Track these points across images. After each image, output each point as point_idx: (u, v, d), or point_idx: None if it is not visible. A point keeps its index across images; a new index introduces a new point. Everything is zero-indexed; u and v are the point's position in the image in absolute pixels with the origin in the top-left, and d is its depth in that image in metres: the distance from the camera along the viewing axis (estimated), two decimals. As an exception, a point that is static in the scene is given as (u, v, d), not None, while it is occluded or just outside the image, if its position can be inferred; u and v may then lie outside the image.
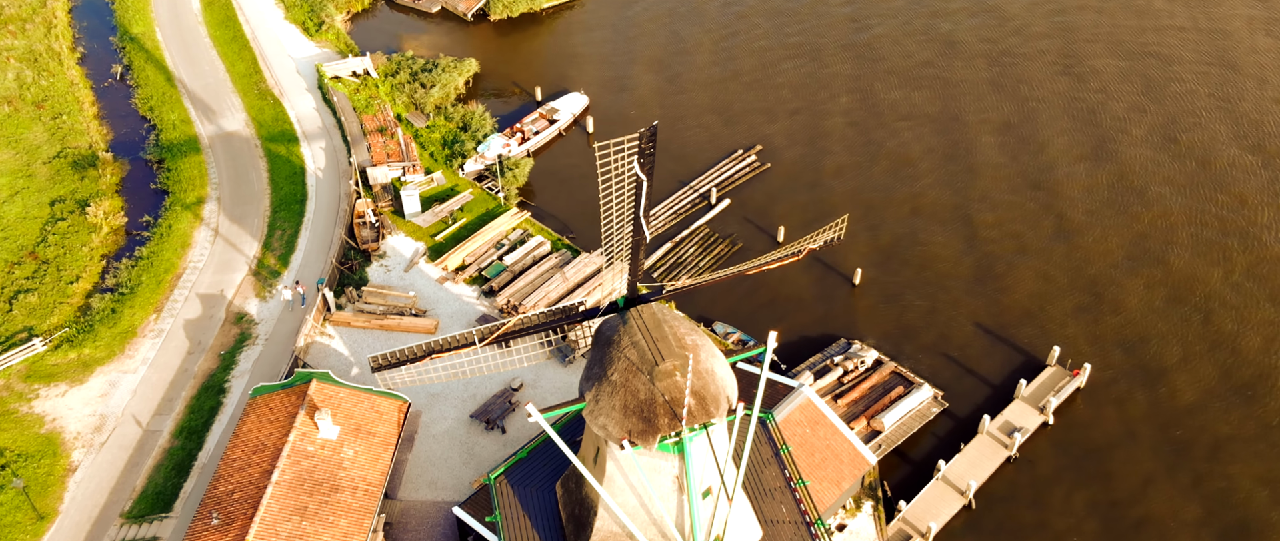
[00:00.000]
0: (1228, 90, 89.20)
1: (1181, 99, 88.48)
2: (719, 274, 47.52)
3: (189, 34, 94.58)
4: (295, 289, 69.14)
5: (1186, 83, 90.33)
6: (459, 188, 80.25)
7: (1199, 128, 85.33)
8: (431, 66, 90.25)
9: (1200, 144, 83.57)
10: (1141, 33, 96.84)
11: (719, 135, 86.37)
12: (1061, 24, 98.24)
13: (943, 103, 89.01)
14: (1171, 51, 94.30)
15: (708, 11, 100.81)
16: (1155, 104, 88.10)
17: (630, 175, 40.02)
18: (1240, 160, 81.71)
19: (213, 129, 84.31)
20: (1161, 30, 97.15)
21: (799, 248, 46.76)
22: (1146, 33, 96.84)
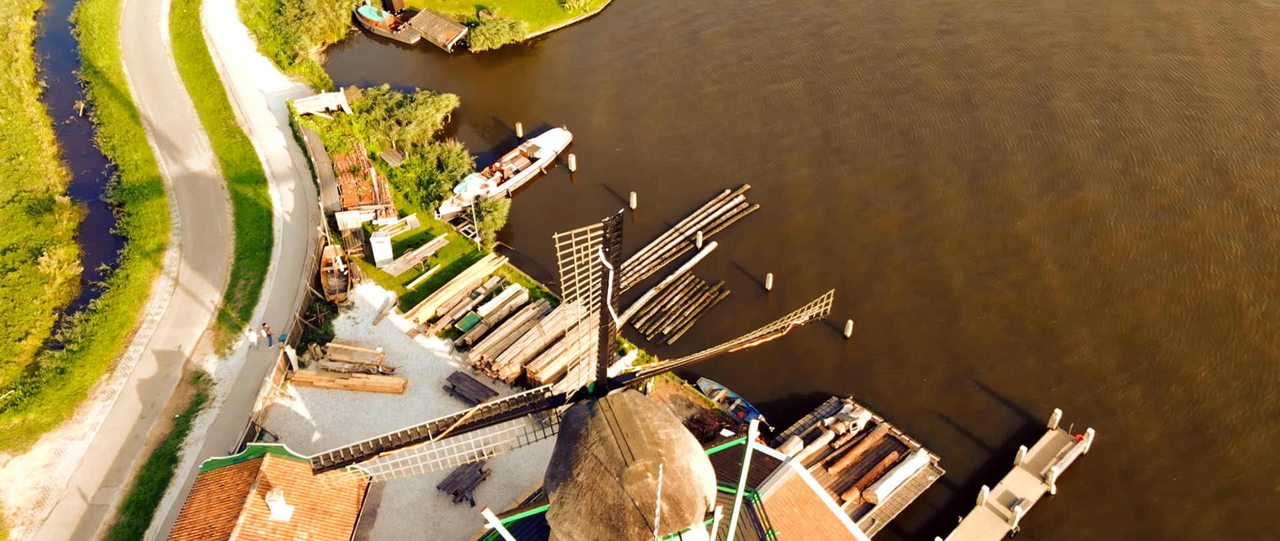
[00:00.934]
0: (1203, 124, 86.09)
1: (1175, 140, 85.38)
2: (698, 355, 44.12)
3: (157, 67, 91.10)
4: (262, 331, 65.88)
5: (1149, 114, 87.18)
6: (434, 231, 76.80)
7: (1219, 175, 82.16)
8: (408, 101, 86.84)
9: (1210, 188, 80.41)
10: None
11: (707, 173, 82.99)
12: (1044, 47, 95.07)
13: (939, 145, 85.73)
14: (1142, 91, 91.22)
15: (696, 44, 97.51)
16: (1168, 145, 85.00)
17: (595, 265, 36.46)
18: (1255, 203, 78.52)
19: (178, 169, 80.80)
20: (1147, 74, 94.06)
21: (783, 324, 43.32)
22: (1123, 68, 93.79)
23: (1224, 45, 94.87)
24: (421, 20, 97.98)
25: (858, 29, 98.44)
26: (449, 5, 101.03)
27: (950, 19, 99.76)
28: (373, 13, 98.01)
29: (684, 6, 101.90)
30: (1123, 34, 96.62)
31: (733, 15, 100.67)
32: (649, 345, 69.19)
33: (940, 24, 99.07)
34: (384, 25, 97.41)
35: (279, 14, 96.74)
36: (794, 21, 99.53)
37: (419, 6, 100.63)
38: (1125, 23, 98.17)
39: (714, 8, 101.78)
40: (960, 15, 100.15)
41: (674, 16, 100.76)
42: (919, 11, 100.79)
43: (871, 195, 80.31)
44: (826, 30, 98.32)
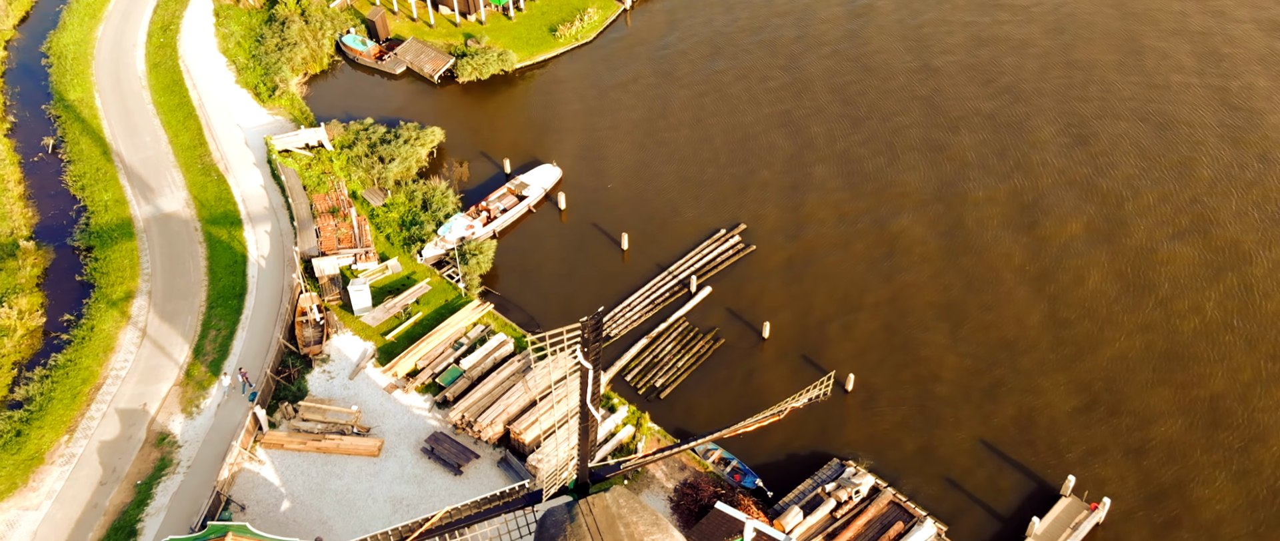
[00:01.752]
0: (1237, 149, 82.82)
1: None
2: (691, 443, 40.73)
3: (131, 99, 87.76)
4: (238, 375, 62.77)
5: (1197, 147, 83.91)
6: (416, 276, 73.45)
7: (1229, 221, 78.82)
8: (392, 136, 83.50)
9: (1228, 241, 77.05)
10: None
11: (702, 212, 79.65)
12: (1067, 86, 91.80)
13: (942, 181, 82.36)
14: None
15: (692, 74, 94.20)
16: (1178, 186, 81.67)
17: (573, 366, 33.20)
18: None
19: (150, 210, 77.42)
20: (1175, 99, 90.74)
21: (781, 408, 40.05)
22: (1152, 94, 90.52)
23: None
24: (407, 49, 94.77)
25: (861, 50, 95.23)
26: (436, 34, 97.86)
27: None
28: (357, 42, 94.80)
29: (680, 35, 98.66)
30: (1106, 69, 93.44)
31: (732, 43, 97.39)
32: (640, 400, 65.83)
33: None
34: (368, 55, 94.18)
35: (259, 43, 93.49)
36: (796, 50, 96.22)
37: (405, 34, 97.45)
38: (1104, 57, 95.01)
39: (712, 35, 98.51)
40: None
41: (669, 45, 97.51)
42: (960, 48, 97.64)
43: (876, 237, 76.92)
44: (829, 56, 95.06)
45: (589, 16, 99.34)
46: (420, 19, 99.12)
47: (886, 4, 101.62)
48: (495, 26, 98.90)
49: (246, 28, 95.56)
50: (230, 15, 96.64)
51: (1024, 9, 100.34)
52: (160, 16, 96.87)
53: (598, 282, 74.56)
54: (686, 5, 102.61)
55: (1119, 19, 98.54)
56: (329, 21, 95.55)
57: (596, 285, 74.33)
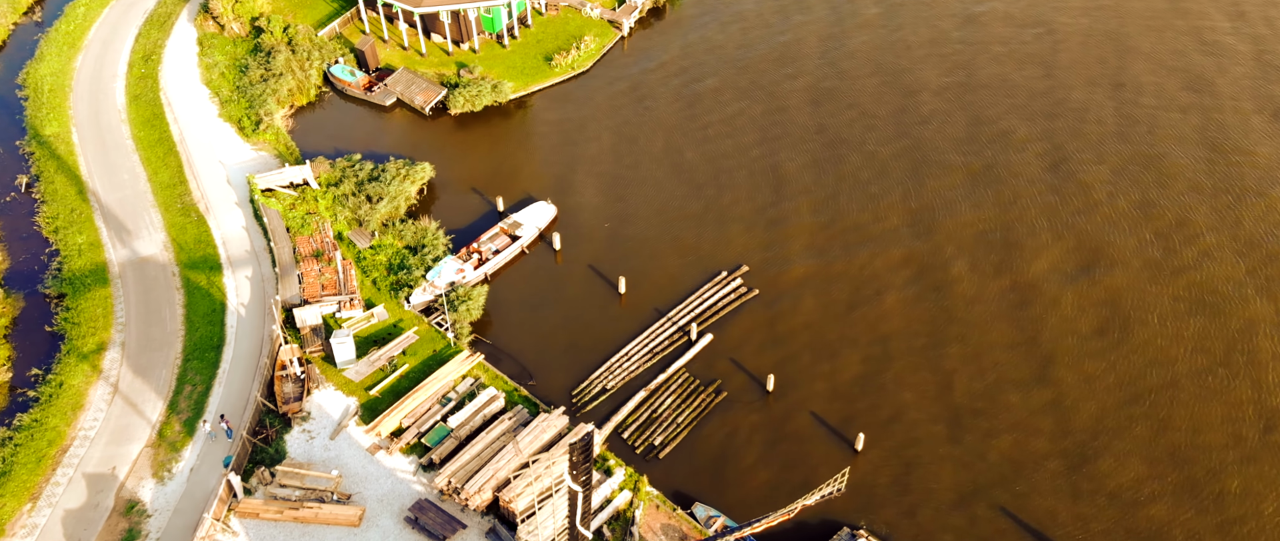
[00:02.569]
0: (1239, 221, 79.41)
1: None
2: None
3: (110, 134, 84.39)
4: (221, 423, 59.58)
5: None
6: (403, 324, 70.08)
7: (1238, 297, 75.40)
8: (380, 173, 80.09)
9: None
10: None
11: (702, 252, 76.25)
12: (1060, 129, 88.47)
13: (959, 227, 79.00)
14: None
15: (691, 107, 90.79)
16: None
17: (561, 489, 29.81)
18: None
19: (126, 253, 74.04)
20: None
21: (793, 507, 36.62)
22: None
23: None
24: (398, 80, 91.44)
25: (865, 86, 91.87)
26: (428, 63, 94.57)
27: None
28: (346, 73, 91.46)
29: (680, 66, 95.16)
30: (1153, 94, 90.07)
31: (734, 72, 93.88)
32: (638, 460, 62.41)
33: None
34: (357, 86, 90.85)
35: (244, 74, 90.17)
36: (806, 78, 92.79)
37: (396, 64, 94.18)
38: (1155, 85, 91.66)
39: (715, 64, 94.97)
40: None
41: (668, 75, 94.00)
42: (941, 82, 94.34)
43: (888, 282, 73.50)
44: (833, 90, 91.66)
45: (586, 44, 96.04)
46: (411, 48, 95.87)
47: (918, 35, 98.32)
48: (489, 55, 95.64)
49: (231, 57, 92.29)
50: (214, 44, 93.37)
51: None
52: (142, 45, 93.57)
53: (593, 329, 71.17)
54: (686, 29, 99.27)
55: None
56: (317, 51, 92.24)
57: (592, 332, 70.94)
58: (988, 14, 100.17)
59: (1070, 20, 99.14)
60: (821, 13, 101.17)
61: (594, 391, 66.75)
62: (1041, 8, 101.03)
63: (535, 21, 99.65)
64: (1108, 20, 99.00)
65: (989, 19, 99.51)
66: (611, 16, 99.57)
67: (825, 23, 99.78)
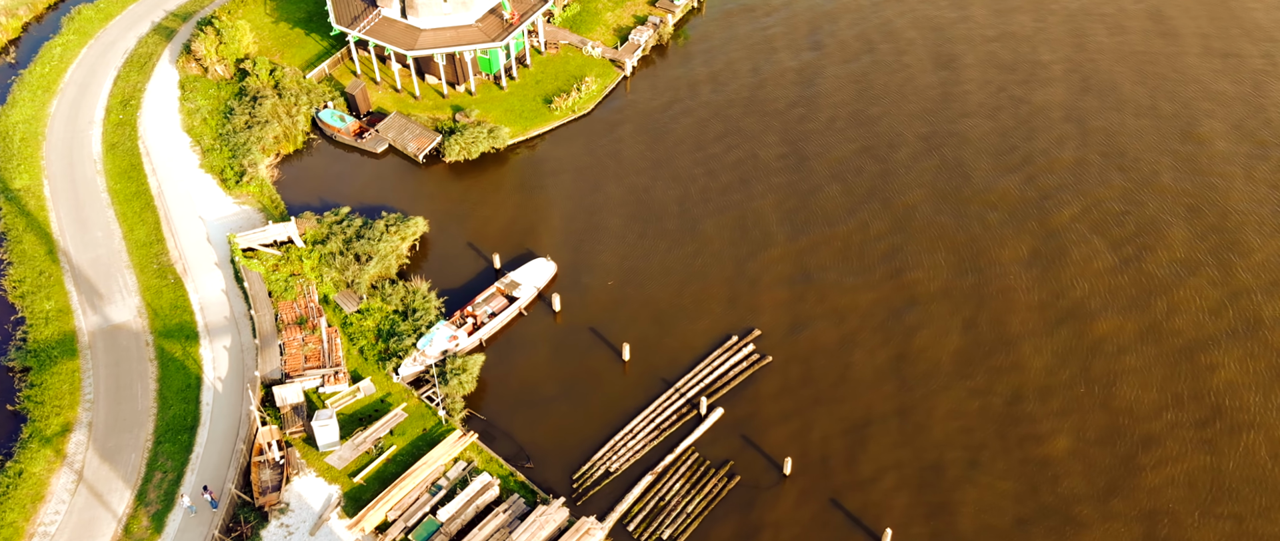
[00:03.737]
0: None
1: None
2: None
3: (84, 187, 79.77)
4: (205, 495, 55.52)
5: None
6: (391, 399, 65.45)
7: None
8: (369, 228, 75.41)
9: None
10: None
11: (712, 314, 71.59)
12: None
13: (1018, 294, 74.29)
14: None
15: (700, 151, 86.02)
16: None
17: None
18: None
19: (97, 321, 69.43)
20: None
21: None
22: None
23: None
24: (390, 125, 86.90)
25: (879, 127, 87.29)
26: (422, 106, 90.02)
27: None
28: (335, 118, 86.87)
29: (687, 107, 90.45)
30: (1149, 158, 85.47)
31: (744, 113, 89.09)
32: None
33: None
34: (347, 132, 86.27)
35: (228, 120, 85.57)
36: (810, 120, 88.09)
37: (388, 107, 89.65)
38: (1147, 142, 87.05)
39: (724, 104, 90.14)
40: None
41: (675, 118, 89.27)
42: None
43: (917, 346, 68.76)
44: (852, 129, 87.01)
45: (587, 86, 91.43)
46: (405, 90, 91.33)
47: (926, 77, 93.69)
48: (486, 97, 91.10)
49: (214, 102, 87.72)
50: (196, 88, 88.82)
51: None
52: (121, 88, 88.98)
53: (595, 403, 66.49)
54: (691, 66, 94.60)
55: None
56: (305, 95, 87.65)
57: (594, 406, 66.27)
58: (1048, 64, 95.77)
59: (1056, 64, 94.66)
60: (830, 46, 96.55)
61: (597, 475, 62.03)
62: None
63: (534, 61, 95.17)
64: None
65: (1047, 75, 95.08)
66: (613, 55, 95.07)
67: (840, 55, 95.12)
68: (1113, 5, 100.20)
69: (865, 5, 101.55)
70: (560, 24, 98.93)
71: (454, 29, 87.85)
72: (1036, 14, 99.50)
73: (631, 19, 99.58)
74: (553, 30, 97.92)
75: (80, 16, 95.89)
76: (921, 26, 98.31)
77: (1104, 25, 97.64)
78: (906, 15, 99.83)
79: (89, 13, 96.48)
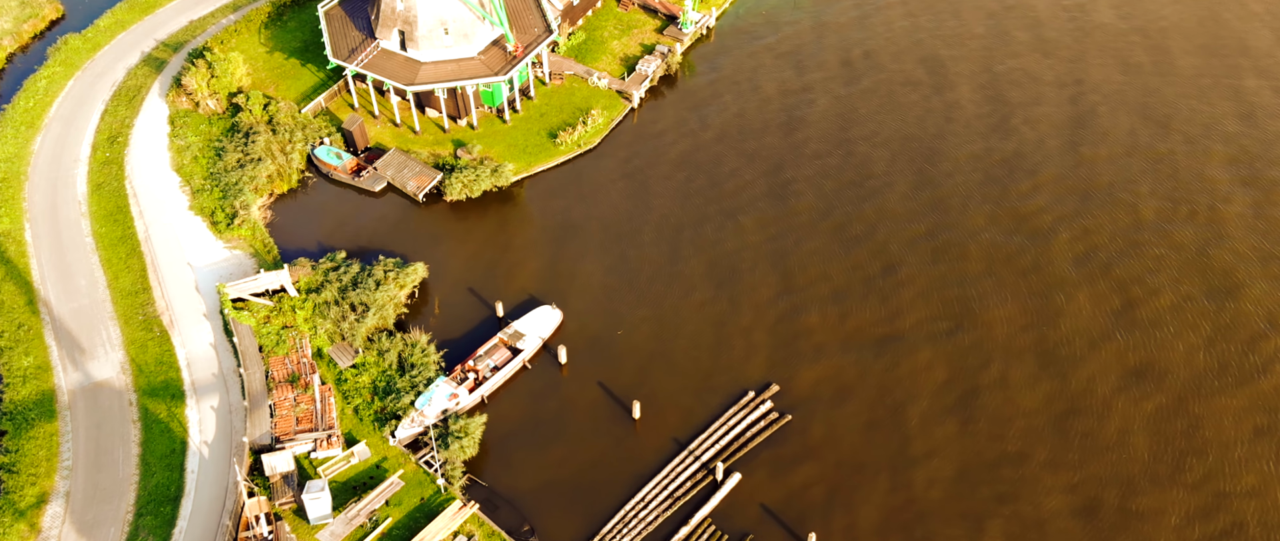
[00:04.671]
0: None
1: None
2: None
3: (67, 231, 76.10)
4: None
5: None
6: (388, 465, 61.73)
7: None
8: (366, 275, 71.69)
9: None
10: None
11: (728, 369, 67.95)
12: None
13: (1007, 333, 70.51)
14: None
15: (714, 188, 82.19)
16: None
17: None
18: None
19: (78, 378, 65.76)
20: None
21: None
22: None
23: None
24: (388, 163, 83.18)
25: (899, 166, 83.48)
26: (422, 141, 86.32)
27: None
28: (331, 155, 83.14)
29: (698, 142, 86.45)
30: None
31: (756, 149, 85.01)
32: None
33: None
34: (344, 170, 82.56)
35: (219, 158, 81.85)
36: (826, 158, 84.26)
37: (387, 142, 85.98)
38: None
39: (736, 138, 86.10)
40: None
41: (685, 153, 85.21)
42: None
43: (945, 398, 64.99)
44: (874, 170, 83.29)
45: (593, 118, 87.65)
46: (404, 124, 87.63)
47: (971, 105, 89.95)
48: (489, 131, 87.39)
49: (205, 138, 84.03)
50: (187, 123, 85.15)
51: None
52: (108, 124, 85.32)
53: (605, 466, 62.84)
54: (701, 97, 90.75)
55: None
56: (300, 130, 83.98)
57: (603, 470, 62.62)
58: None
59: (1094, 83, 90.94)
60: (844, 73, 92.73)
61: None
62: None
63: (538, 93, 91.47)
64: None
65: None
66: (620, 87, 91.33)
67: (858, 84, 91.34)
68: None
69: (877, 29, 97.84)
70: (565, 53, 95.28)
71: (455, 62, 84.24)
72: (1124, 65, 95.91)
73: (639, 48, 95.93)
74: (557, 60, 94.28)
75: (67, 47, 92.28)
76: (955, 48, 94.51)
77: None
78: (935, 39, 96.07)
79: (77, 42, 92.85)
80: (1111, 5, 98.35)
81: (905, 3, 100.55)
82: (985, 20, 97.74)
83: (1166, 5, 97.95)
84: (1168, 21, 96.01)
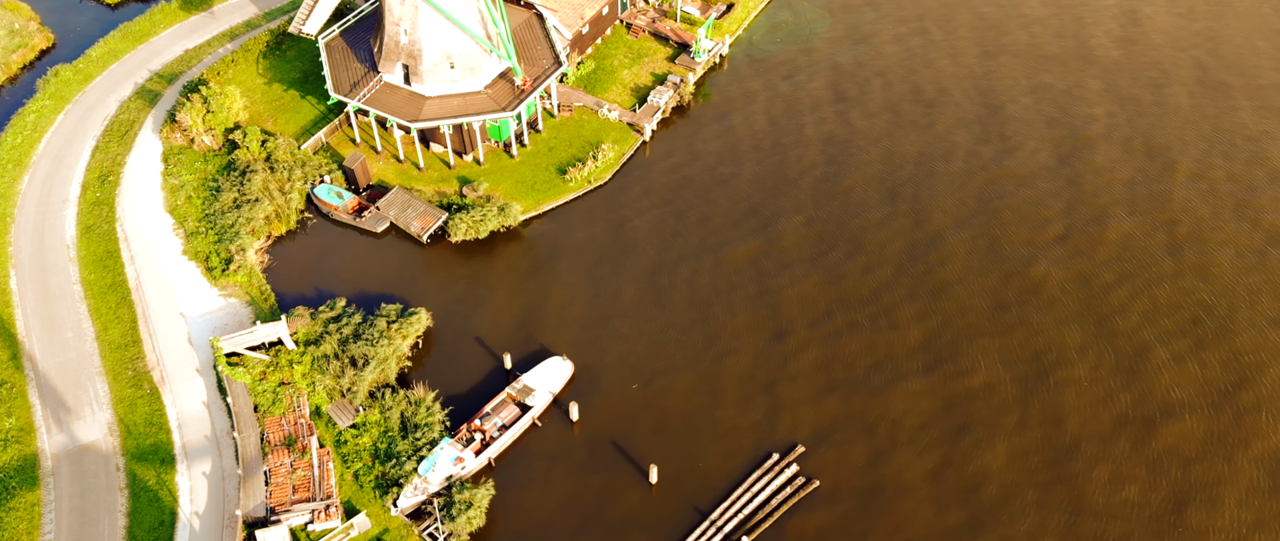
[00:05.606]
0: None
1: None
2: None
3: (55, 278, 72.53)
4: None
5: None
6: (389, 538, 58.13)
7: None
8: (368, 326, 68.14)
9: None
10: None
11: (752, 427, 64.30)
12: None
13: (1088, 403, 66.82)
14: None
15: (736, 228, 78.59)
16: None
17: None
18: None
19: (63, 440, 62.18)
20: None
21: None
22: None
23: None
24: (391, 202, 79.56)
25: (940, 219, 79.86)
26: (426, 178, 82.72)
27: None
28: (332, 195, 79.48)
29: (715, 177, 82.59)
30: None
31: (776, 182, 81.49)
32: None
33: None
34: (345, 210, 78.92)
35: (215, 198, 78.25)
36: (851, 196, 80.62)
37: (390, 180, 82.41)
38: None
39: (754, 172, 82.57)
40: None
41: (702, 190, 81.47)
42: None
43: (1007, 474, 61.29)
44: (889, 201, 79.65)
45: (603, 153, 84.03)
46: (408, 160, 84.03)
47: (963, 146, 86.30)
48: (495, 167, 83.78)
49: (200, 176, 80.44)
50: (181, 161, 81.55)
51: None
52: (99, 162, 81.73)
53: (621, 539, 59.15)
54: (715, 128, 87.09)
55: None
56: (299, 167, 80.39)
57: (618, 544, 59.06)
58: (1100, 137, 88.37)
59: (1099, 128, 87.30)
60: (862, 104, 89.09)
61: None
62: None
63: (547, 125, 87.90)
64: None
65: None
66: (631, 119, 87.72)
67: (880, 116, 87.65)
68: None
69: (888, 59, 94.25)
70: (574, 83, 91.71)
71: (462, 96, 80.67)
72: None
73: (650, 77, 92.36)
74: (566, 91, 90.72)
75: (57, 79, 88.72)
76: (963, 81, 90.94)
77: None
78: (944, 70, 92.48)
79: (67, 74, 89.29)
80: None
81: (924, 31, 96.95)
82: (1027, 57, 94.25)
83: None
84: None
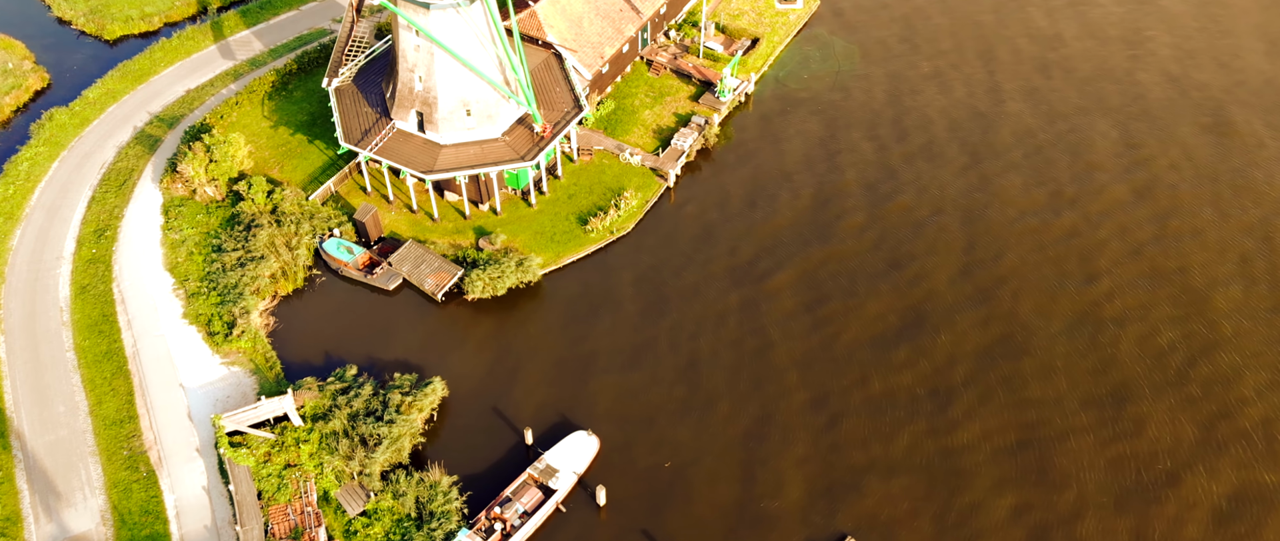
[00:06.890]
0: None
1: None
2: None
3: (47, 345, 68.15)
4: None
5: None
6: (406, 643, 53.66)
7: None
8: (379, 404, 63.65)
9: None
10: None
11: (796, 512, 59.72)
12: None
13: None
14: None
15: (770, 279, 73.99)
16: None
17: None
18: None
19: (51, 531, 57.75)
20: None
21: None
22: None
23: None
24: (404, 257, 75.10)
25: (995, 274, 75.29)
26: (440, 229, 78.30)
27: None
28: (341, 250, 75.02)
29: (747, 224, 77.93)
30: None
31: (811, 232, 76.77)
32: None
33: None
34: (355, 266, 74.48)
35: (217, 255, 73.77)
36: (883, 247, 76.07)
37: (402, 231, 78.02)
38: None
39: (787, 217, 77.76)
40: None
41: (729, 242, 76.94)
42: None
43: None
44: (951, 255, 75.07)
45: (626, 201, 79.50)
46: (422, 210, 79.59)
47: (1015, 191, 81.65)
48: (513, 217, 79.31)
49: (202, 230, 76.00)
50: (182, 213, 77.12)
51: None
52: (95, 215, 77.30)
53: (654, 646, 54.75)
54: (741, 170, 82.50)
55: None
56: (307, 220, 75.91)
57: (653, 651, 54.49)
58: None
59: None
60: (899, 146, 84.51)
61: None
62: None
63: (566, 170, 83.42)
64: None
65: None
66: (654, 164, 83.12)
67: (917, 159, 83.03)
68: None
69: (925, 96, 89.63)
70: (594, 125, 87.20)
71: (478, 144, 76.28)
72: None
73: (672, 118, 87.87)
74: (586, 134, 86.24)
75: (52, 123, 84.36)
76: (1010, 120, 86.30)
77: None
78: (986, 112, 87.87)
79: (63, 118, 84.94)
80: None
81: (961, 64, 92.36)
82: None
83: None
84: None
